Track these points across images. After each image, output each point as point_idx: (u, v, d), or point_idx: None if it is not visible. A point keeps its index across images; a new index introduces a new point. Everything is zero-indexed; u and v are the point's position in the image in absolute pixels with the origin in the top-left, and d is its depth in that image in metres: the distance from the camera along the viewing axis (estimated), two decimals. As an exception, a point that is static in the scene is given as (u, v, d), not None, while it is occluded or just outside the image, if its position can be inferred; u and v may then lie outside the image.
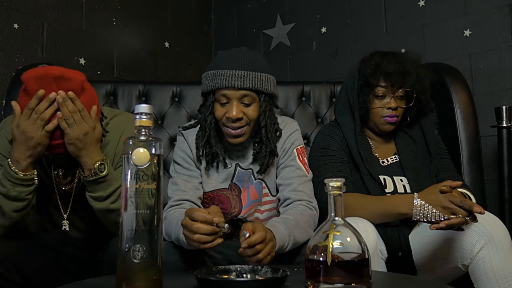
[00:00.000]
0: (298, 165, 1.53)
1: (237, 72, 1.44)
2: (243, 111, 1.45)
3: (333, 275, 0.94)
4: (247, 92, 1.44)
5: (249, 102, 1.46)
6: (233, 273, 1.08)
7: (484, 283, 1.37)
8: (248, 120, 1.47)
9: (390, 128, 1.70)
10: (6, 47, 2.09)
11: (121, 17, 2.61)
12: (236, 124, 1.46)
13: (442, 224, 1.35)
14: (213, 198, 1.56)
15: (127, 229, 0.93)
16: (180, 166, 1.55)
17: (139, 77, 2.68)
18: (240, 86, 1.43)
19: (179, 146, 1.59)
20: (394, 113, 1.67)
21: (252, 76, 1.44)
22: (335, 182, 0.99)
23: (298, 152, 1.56)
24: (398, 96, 1.67)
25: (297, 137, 1.59)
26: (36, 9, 2.20)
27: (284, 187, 1.51)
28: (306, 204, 1.47)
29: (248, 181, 1.55)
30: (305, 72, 2.85)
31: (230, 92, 1.44)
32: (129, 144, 0.96)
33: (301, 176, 1.53)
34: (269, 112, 1.50)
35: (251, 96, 1.45)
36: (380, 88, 1.66)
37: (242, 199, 1.55)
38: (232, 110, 1.44)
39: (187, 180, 1.53)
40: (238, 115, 1.44)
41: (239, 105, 1.45)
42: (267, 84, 1.47)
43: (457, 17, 2.39)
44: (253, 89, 1.44)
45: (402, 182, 1.65)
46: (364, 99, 1.69)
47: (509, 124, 2.01)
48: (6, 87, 2.02)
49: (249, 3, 3.12)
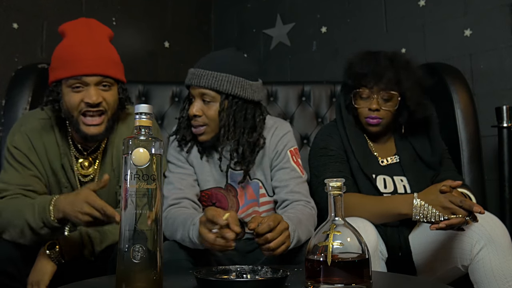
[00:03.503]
0: (293, 167, 1.54)
1: (197, 71, 1.48)
2: (203, 110, 1.48)
3: (333, 275, 0.94)
4: (204, 91, 1.47)
5: (209, 100, 1.48)
6: (233, 273, 1.08)
7: (484, 284, 1.37)
8: (206, 120, 1.48)
9: (373, 129, 1.68)
10: (6, 47, 2.09)
11: (121, 17, 2.61)
12: (195, 122, 1.49)
13: (442, 224, 1.35)
14: (211, 196, 1.56)
15: (126, 229, 0.93)
16: (174, 165, 1.56)
17: (139, 77, 2.67)
18: (197, 84, 1.47)
19: (171, 146, 1.62)
20: (375, 115, 1.64)
21: (210, 76, 1.46)
22: (335, 182, 0.99)
23: (292, 153, 1.56)
24: (383, 98, 1.64)
25: (290, 138, 1.59)
26: (36, 9, 2.20)
27: (281, 189, 1.52)
28: (305, 204, 1.48)
29: (244, 182, 1.55)
30: (305, 72, 2.85)
31: (192, 89, 1.50)
32: (129, 144, 0.96)
33: (297, 177, 1.53)
34: (234, 114, 1.48)
35: (210, 94, 1.47)
36: (362, 88, 1.65)
37: (239, 199, 1.55)
38: (192, 107, 1.48)
39: (182, 178, 1.53)
40: (197, 112, 1.47)
41: (199, 102, 1.48)
42: (227, 84, 1.46)
43: (457, 17, 2.39)
44: (209, 88, 1.46)
45: (402, 182, 1.65)
46: (347, 97, 1.70)
47: (509, 124, 2.01)
48: (6, 87, 2.02)
49: (249, 3, 3.12)
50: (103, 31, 1.51)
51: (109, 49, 1.48)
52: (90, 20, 1.52)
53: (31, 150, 1.47)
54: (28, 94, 1.91)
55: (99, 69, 1.41)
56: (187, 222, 1.33)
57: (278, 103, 2.23)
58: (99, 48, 1.44)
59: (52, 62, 1.46)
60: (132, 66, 2.66)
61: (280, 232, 1.20)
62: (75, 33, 1.46)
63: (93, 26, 1.50)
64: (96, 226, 1.32)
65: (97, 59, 1.41)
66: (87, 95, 1.41)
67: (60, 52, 1.45)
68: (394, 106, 1.65)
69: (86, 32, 1.46)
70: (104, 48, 1.46)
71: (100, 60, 1.42)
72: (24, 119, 1.55)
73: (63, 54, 1.43)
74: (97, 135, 1.45)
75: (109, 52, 1.47)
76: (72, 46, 1.43)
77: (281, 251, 1.20)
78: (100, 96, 1.42)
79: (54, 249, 1.36)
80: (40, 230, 1.31)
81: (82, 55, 1.40)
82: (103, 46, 1.47)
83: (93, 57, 1.41)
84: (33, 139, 1.48)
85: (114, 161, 1.55)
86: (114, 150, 1.55)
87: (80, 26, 1.48)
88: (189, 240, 1.32)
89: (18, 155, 1.46)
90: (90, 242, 1.39)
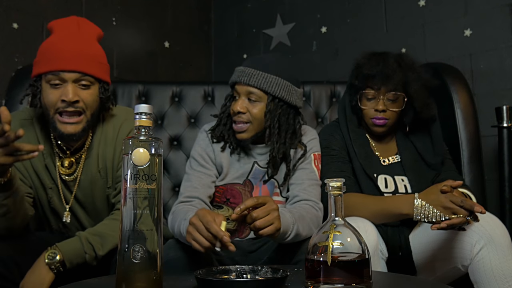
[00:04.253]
0: (312, 169, 1.56)
1: (247, 69, 1.51)
2: (247, 107, 1.50)
3: (333, 275, 0.94)
4: (252, 89, 1.49)
5: (255, 100, 1.50)
6: (233, 273, 1.08)
7: (484, 284, 1.37)
8: (250, 117, 1.50)
9: (379, 130, 1.68)
10: (6, 47, 2.09)
11: (121, 17, 2.61)
12: (238, 118, 1.50)
13: (443, 224, 1.35)
14: (225, 192, 1.57)
15: (126, 229, 0.93)
16: (196, 163, 1.57)
17: (139, 77, 2.68)
18: (246, 82, 1.49)
19: (199, 143, 1.61)
20: (381, 116, 1.64)
21: (260, 76, 1.49)
22: (335, 182, 0.99)
23: (315, 157, 1.59)
24: (389, 99, 1.64)
25: (315, 144, 1.62)
26: (36, 9, 2.20)
27: (295, 186, 1.54)
28: (313, 205, 1.48)
29: (262, 180, 1.57)
30: (305, 72, 2.84)
31: (239, 87, 1.51)
32: (129, 144, 0.96)
33: (313, 179, 1.55)
34: (279, 116, 1.51)
35: (257, 94, 1.49)
36: (368, 89, 1.65)
37: (253, 195, 1.56)
38: (236, 104, 1.50)
39: (201, 177, 1.54)
40: (242, 109, 1.49)
41: (244, 100, 1.50)
42: (275, 86, 1.49)
43: (457, 17, 2.39)
44: (258, 87, 1.48)
45: (403, 182, 1.65)
46: (353, 98, 1.70)
47: (509, 124, 2.01)
48: (6, 87, 2.02)
49: (249, 3, 3.12)
50: (91, 30, 1.49)
51: (93, 47, 1.45)
52: (80, 18, 1.50)
53: None
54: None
55: (78, 66, 1.38)
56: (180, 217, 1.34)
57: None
58: (82, 45, 1.41)
59: (36, 56, 1.44)
60: (132, 66, 2.67)
61: (267, 211, 1.18)
62: (61, 30, 1.44)
63: (82, 24, 1.48)
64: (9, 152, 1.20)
65: (77, 56, 1.38)
66: (64, 92, 1.37)
67: (44, 47, 1.43)
68: (400, 107, 1.65)
69: (74, 29, 1.44)
70: (87, 46, 1.43)
71: (81, 57, 1.39)
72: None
73: (46, 49, 1.41)
74: (74, 134, 1.41)
75: (92, 50, 1.44)
76: (55, 42, 1.41)
77: (269, 231, 1.18)
78: (77, 94, 1.39)
79: (55, 259, 1.32)
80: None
81: (63, 51, 1.38)
82: (87, 44, 1.44)
83: (74, 54, 1.38)
84: None
85: (100, 162, 1.51)
86: (100, 150, 1.52)
87: (69, 24, 1.46)
88: (179, 234, 1.33)
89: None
90: (91, 248, 1.37)
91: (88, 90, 1.42)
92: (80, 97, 1.40)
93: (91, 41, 1.46)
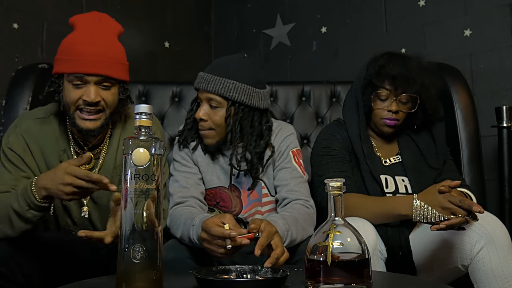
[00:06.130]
0: (294, 167, 1.56)
1: (206, 75, 1.51)
2: (209, 114, 1.50)
3: (333, 275, 0.94)
4: (211, 96, 1.49)
5: (215, 106, 1.50)
6: (233, 273, 1.08)
7: (484, 284, 1.37)
8: (212, 124, 1.50)
9: (389, 130, 1.69)
10: (6, 47, 2.09)
11: (121, 17, 2.60)
12: (201, 125, 1.52)
13: (443, 225, 1.35)
14: (215, 195, 1.58)
15: (126, 229, 0.93)
16: (179, 164, 1.58)
17: (139, 77, 2.66)
18: (204, 88, 1.49)
19: (177, 145, 1.64)
20: (394, 117, 1.65)
21: (217, 81, 1.48)
22: (335, 182, 0.99)
23: (294, 154, 1.58)
24: (401, 101, 1.64)
25: (292, 140, 1.61)
26: (36, 9, 2.20)
27: (281, 188, 1.54)
28: (303, 203, 1.49)
29: (247, 182, 1.56)
30: (305, 72, 2.85)
31: (200, 93, 1.52)
32: (129, 144, 0.96)
33: (298, 177, 1.55)
34: (241, 120, 1.50)
35: (217, 100, 1.49)
36: (383, 90, 1.64)
37: (242, 199, 1.57)
38: (199, 111, 1.51)
39: (187, 176, 1.55)
40: (204, 116, 1.50)
41: (207, 106, 1.51)
42: (233, 91, 1.48)
43: (457, 17, 2.39)
44: (216, 93, 1.48)
45: (404, 182, 1.65)
46: (367, 97, 1.68)
47: (509, 124, 2.01)
48: (6, 87, 2.02)
49: (249, 3, 3.12)
50: (113, 27, 1.50)
51: (115, 47, 1.47)
52: (102, 14, 1.51)
53: (26, 151, 1.46)
54: (28, 94, 1.91)
55: (101, 69, 1.40)
56: (187, 222, 1.37)
57: (278, 103, 2.23)
58: (104, 47, 1.43)
59: (57, 52, 1.45)
60: (132, 66, 2.64)
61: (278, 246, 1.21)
62: (83, 27, 1.44)
63: (104, 21, 1.49)
64: (82, 197, 1.30)
65: (99, 59, 1.40)
66: (86, 93, 1.40)
67: (66, 45, 1.44)
68: (412, 108, 1.66)
69: (95, 27, 1.45)
70: (109, 47, 1.44)
71: (103, 60, 1.41)
72: (20, 120, 1.53)
73: (68, 48, 1.42)
74: (92, 130, 1.44)
75: (114, 51, 1.45)
76: (77, 43, 1.42)
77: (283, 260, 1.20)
78: (99, 95, 1.41)
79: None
80: (26, 214, 1.28)
81: (86, 53, 1.39)
82: (109, 45, 1.45)
83: (96, 56, 1.40)
84: (28, 140, 1.46)
85: (118, 159, 1.54)
86: (119, 148, 1.54)
87: (91, 20, 1.46)
88: (188, 239, 1.37)
89: (12, 157, 1.44)
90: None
91: (109, 90, 1.44)
92: (101, 97, 1.42)
93: (112, 40, 1.47)
